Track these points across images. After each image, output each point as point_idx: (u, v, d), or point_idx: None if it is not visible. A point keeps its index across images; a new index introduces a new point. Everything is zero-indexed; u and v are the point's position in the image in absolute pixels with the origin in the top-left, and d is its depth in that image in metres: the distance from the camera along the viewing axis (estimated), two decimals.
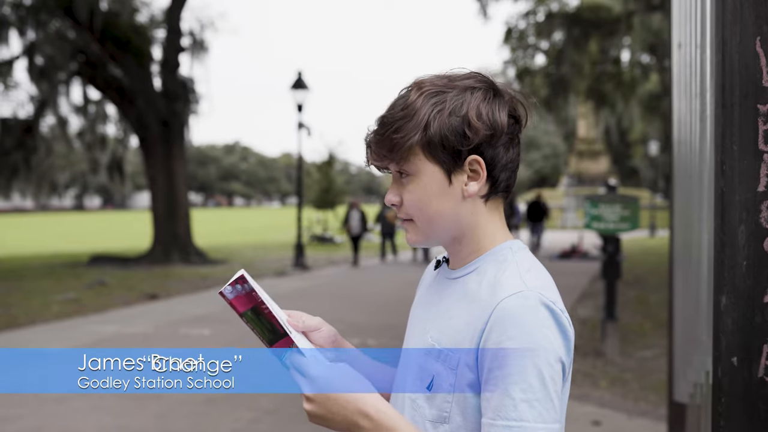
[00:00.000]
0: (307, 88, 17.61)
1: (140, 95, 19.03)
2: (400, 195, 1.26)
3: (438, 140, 1.19)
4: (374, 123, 1.27)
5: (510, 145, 1.24)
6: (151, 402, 5.86)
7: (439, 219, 1.23)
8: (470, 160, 1.20)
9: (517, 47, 25.19)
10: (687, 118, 2.48)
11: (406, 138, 1.19)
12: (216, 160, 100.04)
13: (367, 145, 1.28)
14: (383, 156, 1.24)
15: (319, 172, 29.32)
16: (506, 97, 1.25)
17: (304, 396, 1.18)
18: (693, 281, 2.28)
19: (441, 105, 1.19)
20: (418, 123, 1.19)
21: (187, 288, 13.70)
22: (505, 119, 1.22)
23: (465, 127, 1.18)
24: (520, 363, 1.09)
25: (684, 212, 2.61)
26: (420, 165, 1.21)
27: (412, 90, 1.23)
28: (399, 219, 1.30)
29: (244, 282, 1.22)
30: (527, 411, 1.08)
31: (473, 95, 1.21)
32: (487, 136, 1.20)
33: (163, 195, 19.59)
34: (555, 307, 1.13)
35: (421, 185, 1.22)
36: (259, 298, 1.22)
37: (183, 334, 8.87)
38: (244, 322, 1.26)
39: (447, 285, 1.30)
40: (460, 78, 1.24)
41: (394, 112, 1.22)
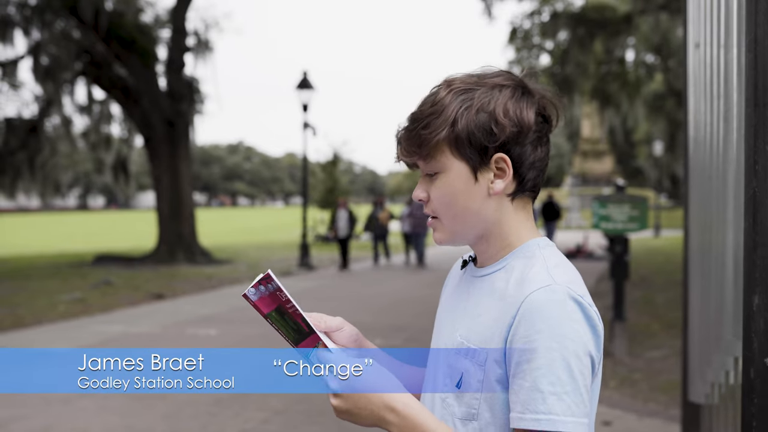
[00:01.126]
0: (313, 88, 17.61)
1: (145, 95, 19.05)
2: (428, 191, 1.26)
3: (465, 137, 1.19)
4: (405, 119, 1.27)
5: (538, 143, 1.23)
6: (158, 402, 5.86)
7: (465, 216, 1.23)
8: (496, 157, 1.20)
9: (522, 47, 25.15)
10: (706, 119, 2.47)
11: (433, 134, 1.20)
12: (219, 159, 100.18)
13: (397, 141, 1.28)
14: (412, 152, 1.24)
15: (324, 171, 29.30)
16: (536, 96, 1.24)
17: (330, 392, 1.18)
18: (713, 282, 2.27)
19: (469, 102, 1.20)
20: (446, 119, 1.19)
21: (192, 288, 13.70)
22: (532, 117, 1.22)
23: (492, 124, 1.19)
24: (548, 356, 1.09)
25: (701, 213, 2.59)
26: (447, 161, 1.22)
27: (441, 87, 1.24)
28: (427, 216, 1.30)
29: (268, 282, 1.22)
30: (556, 404, 1.07)
31: (501, 93, 1.21)
32: (514, 134, 1.20)
33: (168, 195, 19.61)
34: (583, 301, 1.13)
35: (448, 182, 1.22)
36: (283, 298, 1.22)
37: (190, 335, 8.87)
38: (269, 323, 1.26)
39: (474, 283, 1.29)
40: (489, 76, 1.24)
41: (424, 108, 1.23)
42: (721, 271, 2.02)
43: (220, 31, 27.86)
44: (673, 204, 52.54)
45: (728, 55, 1.86)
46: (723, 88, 1.95)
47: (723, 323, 2.01)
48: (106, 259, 18.68)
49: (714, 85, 2.19)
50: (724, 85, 1.92)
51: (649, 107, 30.79)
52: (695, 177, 2.74)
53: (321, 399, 5.95)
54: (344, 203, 18.12)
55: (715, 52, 2.20)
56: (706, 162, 2.45)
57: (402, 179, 64.51)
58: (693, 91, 2.84)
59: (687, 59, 3.03)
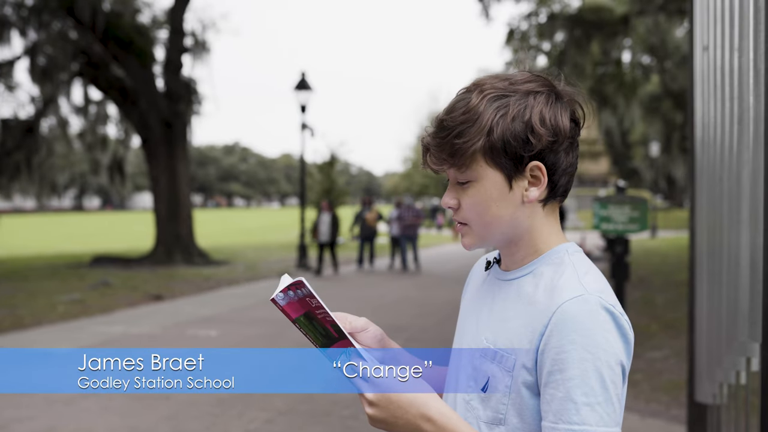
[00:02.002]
0: (311, 89, 17.61)
1: (143, 96, 19.04)
2: (458, 198, 1.25)
3: (500, 146, 1.17)
4: (431, 125, 1.25)
5: (570, 149, 1.23)
6: (161, 403, 5.86)
7: (497, 224, 1.22)
8: (531, 165, 1.19)
9: (519, 48, 25.20)
10: (716, 121, 2.49)
11: (468, 143, 1.18)
12: (215, 160, 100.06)
13: (424, 147, 1.26)
14: (443, 160, 1.22)
15: (321, 172, 29.28)
16: (566, 99, 1.23)
17: (365, 400, 1.17)
18: (725, 283, 2.29)
19: (504, 109, 1.18)
20: (481, 128, 1.17)
21: (191, 289, 13.69)
22: (567, 124, 1.21)
23: (528, 133, 1.17)
24: (581, 366, 1.09)
25: (710, 214, 2.61)
26: (481, 170, 1.20)
27: (473, 93, 1.21)
28: (455, 222, 1.29)
29: (297, 288, 1.21)
30: (589, 414, 1.08)
31: (536, 99, 1.19)
32: (550, 143, 1.19)
33: (165, 196, 19.59)
34: (615, 311, 1.13)
35: (482, 190, 1.21)
36: (313, 303, 1.22)
37: (191, 335, 8.87)
38: (297, 327, 1.26)
39: (500, 286, 1.29)
40: (521, 81, 1.21)
41: (455, 115, 1.20)
42: (735, 271, 2.04)
43: (217, 31, 27.78)
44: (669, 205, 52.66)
45: (742, 58, 1.88)
46: (737, 91, 1.97)
47: (737, 324, 2.03)
48: (103, 260, 18.65)
49: (726, 88, 2.21)
50: (738, 88, 1.94)
51: (645, 108, 30.89)
52: (703, 178, 2.76)
53: (325, 399, 5.96)
54: (328, 205, 16.62)
55: (727, 55, 2.22)
56: (717, 163, 2.47)
57: (398, 180, 64.43)
58: (700, 93, 2.86)
59: (693, 62, 3.05)
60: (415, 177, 59.53)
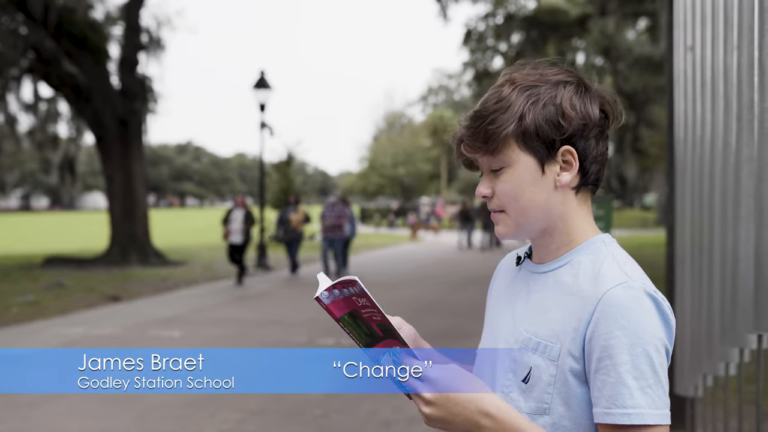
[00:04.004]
0: (270, 88, 17.49)
1: (97, 93, 18.64)
2: (492, 187, 1.28)
3: (533, 130, 1.22)
4: (465, 118, 1.29)
5: (600, 138, 1.27)
6: (131, 404, 5.75)
7: (532, 209, 1.25)
8: (563, 150, 1.23)
9: (477, 49, 25.43)
10: (705, 119, 2.55)
11: (501, 128, 1.22)
12: (168, 160, 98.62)
13: (458, 140, 1.30)
14: (477, 148, 1.26)
15: (278, 172, 29.15)
16: (594, 92, 1.28)
17: (421, 399, 1.17)
18: (716, 278, 2.34)
19: (535, 97, 1.23)
20: (513, 114, 1.22)
21: (149, 289, 13.47)
22: (597, 111, 1.26)
23: (559, 117, 1.22)
24: (631, 351, 1.11)
25: (696, 212, 2.67)
26: (514, 155, 1.24)
27: (505, 85, 1.26)
28: (490, 211, 1.31)
29: (343, 287, 1.20)
30: (642, 398, 1.10)
31: (566, 88, 1.24)
32: (580, 127, 1.23)
33: (120, 195, 19.22)
34: (657, 296, 1.17)
35: (515, 175, 1.24)
36: (360, 302, 1.21)
37: (153, 336, 8.72)
38: (341, 326, 1.25)
39: (536, 279, 1.31)
40: (551, 73, 1.27)
41: (488, 105, 1.25)
42: (733, 266, 2.09)
43: (172, 29, 27.37)
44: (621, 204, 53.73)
45: (742, 57, 1.93)
46: (735, 89, 2.02)
47: (735, 316, 2.08)
48: (56, 261, 18.21)
49: (720, 86, 2.27)
50: (737, 86, 1.99)
51: None
52: (686, 176, 2.83)
53: (297, 399, 5.92)
54: (242, 201, 14.38)
55: (720, 54, 2.27)
56: (705, 161, 2.53)
57: (354, 180, 64.39)
58: (683, 92, 2.93)
59: (673, 62, 3.12)
60: (371, 177, 59.60)
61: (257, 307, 11.25)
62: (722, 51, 2.24)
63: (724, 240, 2.22)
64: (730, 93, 2.12)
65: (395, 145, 60.85)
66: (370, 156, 62.20)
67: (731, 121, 2.10)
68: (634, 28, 26.04)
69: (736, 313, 2.05)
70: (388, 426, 5.24)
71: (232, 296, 12.50)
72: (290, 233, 15.40)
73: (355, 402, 5.82)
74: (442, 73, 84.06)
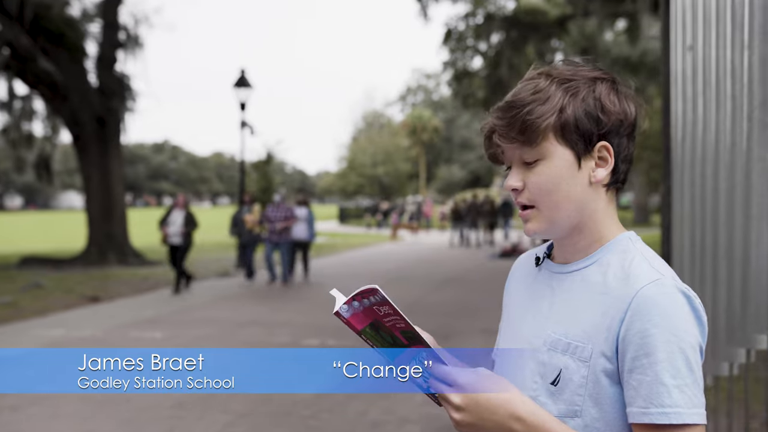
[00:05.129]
0: (250, 86, 17.38)
1: (75, 91, 18.41)
2: (523, 180, 1.24)
3: (573, 123, 1.20)
4: (495, 109, 1.25)
5: (630, 137, 1.25)
6: (117, 406, 5.67)
7: (566, 204, 1.22)
8: (599, 146, 1.21)
9: (456, 49, 25.48)
10: (707, 119, 2.55)
11: (541, 120, 1.19)
12: (144, 159, 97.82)
13: (488, 130, 1.26)
14: (512, 138, 1.22)
15: (257, 171, 28.97)
16: (629, 93, 1.27)
17: (450, 404, 1.14)
18: (721, 278, 2.34)
19: (574, 89, 1.21)
20: (554, 106, 1.19)
21: (129, 290, 13.33)
22: (633, 109, 1.24)
23: (598, 112, 1.20)
24: (667, 349, 1.09)
25: (696, 211, 2.67)
26: (551, 148, 1.21)
27: (540, 77, 1.24)
28: (519, 207, 1.27)
29: (365, 297, 1.16)
30: (680, 397, 1.08)
31: (602, 84, 1.23)
32: (618, 123, 1.22)
33: (98, 195, 19.00)
34: (690, 293, 1.15)
35: (552, 168, 1.21)
36: (382, 311, 1.16)
37: (134, 337, 8.62)
38: (363, 339, 1.22)
39: (561, 279, 1.28)
40: (586, 70, 1.25)
41: (523, 96, 1.22)
42: (743, 267, 2.09)
43: (150, 26, 27.11)
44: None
45: (752, 56, 1.93)
46: (746, 89, 2.02)
47: (746, 316, 2.08)
48: (32, 261, 17.95)
49: (728, 86, 2.26)
50: (748, 86, 1.99)
51: None
52: (684, 176, 2.83)
53: (286, 400, 5.88)
54: (183, 202, 13.20)
55: (726, 54, 2.27)
56: (708, 161, 2.53)
57: (333, 179, 64.28)
58: (681, 93, 2.93)
59: (670, 62, 3.13)
60: (351, 176, 59.52)
61: (238, 307, 11.17)
62: (729, 50, 2.24)
63: (731, 240, 2.22)
64: (738, 92, 2.12)
65: (374, 144, 60.83)
66: (350, 155, 62.12)
67: (739, 120, 2.10)
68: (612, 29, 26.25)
69: (746, 313, 2.05)
70: (377, 426, 5.22)
71: (213, 297, 12.39)
72: (245, 235, 14.32)
73: (343, 402, 5.79)
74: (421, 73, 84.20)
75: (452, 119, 75.44)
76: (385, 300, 1.14)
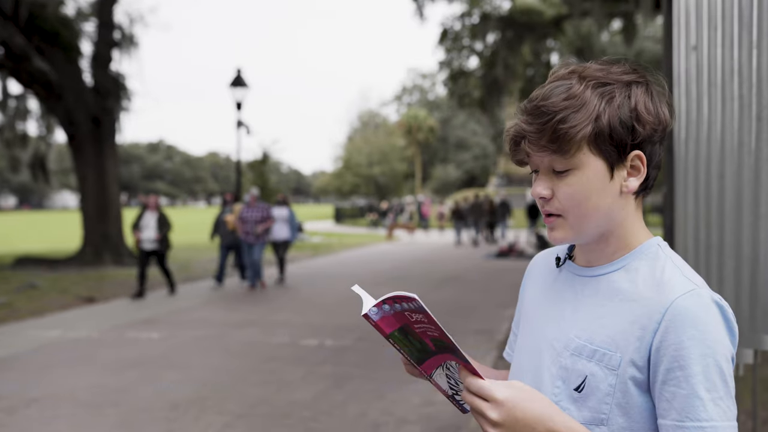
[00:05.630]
0: (247, 86, 17.33)
1: (70, 91, 18.33)
2: (552, 188, 1.19)
3: (607, 133, 1.14)
4: (523, 112, 1.19)
5: (662, 141, 1.21)
6: (113, 409, 5.63)
7: (595, 214, 1.18)
8: (633, 155, 1.17)
9: (452, 48, 25.48)
10: (712, 119, 2.53)
11: (576, 129, 1.13)
12: (139, 158, 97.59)
13: (516, 135, 1.20)
14: (542, 147, 1.16)
15: (253, 171, 28.95)
16: (663, 94, 1.21)
17: (488, 421, 1.09)
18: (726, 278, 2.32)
19: (609, 95, 1.15)
20: (589, 114, 1.13)
21: (125, 290, 13.27)
22: (668, 115, 1.19)
23: (634, 121, 1.15)
24: (703, 362, 1.07)
25: (701, 211, 2.65)
26: (584, 158, 1.15)
27: (572, 78, 1.17)
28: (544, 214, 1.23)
29: (396, 302, 1.11)
30: (715, 410, 1.06)
31: (638, 89, 1.17)
32: (653, 131, 1.17)
33: (93, 195, 18.93)
34: (723, 303, 1.12)
35: (583, 179, 1.16)
36: (413, 317, 1.12)
37: (131, 338, 8.57)
38: (391, 343, 1.18)
39: (584, 283, 1.25)
40: (619, 72, 1.19)
41: (555, 101, 1.14)
42: (751, 267, 2.08)
43: (145, 26, 26.99)
44: None
45: (762, 57, 1.91)
46: (756, 89, 2.00)
47: (756, 317, 2.06)
48: (27, 262, 17.87)
49: (735, 86, 2.24)
50: (757, 86, 1.97)
51: None
52: (688, 176, 2.81)
53: (284, 401, 5.84)
54: (155, 203, 12.51)
55: (733, 54, 2.25)
56: (713, 161, 2.51)
57: (329, 179, 64.19)
58: (684, 93, 2.92)
59: (673, 62, 3.11)
60: (346, 176, 59.47)
61: (238, 308, 11.12)
62: (737, 50, 2.22)
63: (738, 240, 2.20)
64: (746, 92, 2.10)
65: (370, 144, 60.81)
66: (345, 155, 62.07)
67: (747, 120, 2.08)
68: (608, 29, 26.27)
69: (756, 314, 2.03)
70: (377, 428, 5.19)
71: (210, 297, 12.35)
72: (227, 237, 13.43)
73: (342, 404, 5.76)
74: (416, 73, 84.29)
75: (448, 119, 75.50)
76: (421, 309, 1.09)
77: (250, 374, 6.74)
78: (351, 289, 1.25)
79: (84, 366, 7.13)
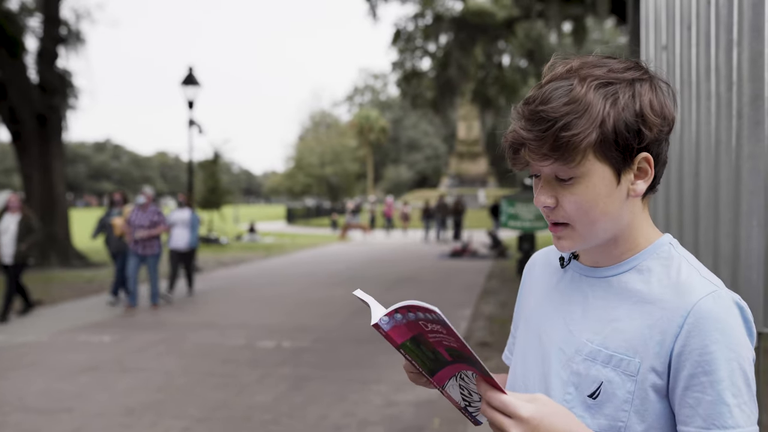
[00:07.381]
0: (199, 84, 17.06)
1: (13, 88, 17.78)
2: (556, 197, 1.13)
3: (612, 138, 1.08)
4: (521, 116, 1.12)
5: (668, 138, 1.16)
6: (67, 415, 5.45)
7: (603, 221, 1.13)
8: (640, 158, 1.11)
9: (405, 49, 25.52)
10: (688, 118, 2.55)
11: (580, 137, 1.06)
12: (85, 158, 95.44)
13: (515, 142, 1.12)
14: (544, 155, 1.09)
15: (204, 171, 28.55)
16: (665, 87, 1.15)
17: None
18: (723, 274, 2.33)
19: (612, 97, 1.08)
20: (592, 120, 1.06)
21: (73, 293, 12.92)
22: (673, 113, 1.15)
23: (640, 124, 1.09)
24: (728, 367, 1.03)
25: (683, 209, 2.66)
26: (589, 165, 1.09)
27: (571, 81, 1.10)
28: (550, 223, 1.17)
29: (410, 311, 1.04)
30: (740, 416, 1.03)
31: (642, 87, 1.11)
32: (659, 132, 1.11)
33: (39, 194, 18.39)
34: (742, 304, 1.09)
35: (590, 186, 1.10)
36: (428, 327, 1.05)
37: (82, 342, 8.33)
38: (402, 353, 1.12)
39: (592, 284, 1.20)
40: (621, 69, 1.12)
41: (555, 105, 1.07)
42: (732, 265, 2.08)
43: (92, 22, 26.38)
44: None
45: (741, 54, 1.92)
46: (736, 86, 2.01)
47: None
48: None
49: (712, 84, 2.26)
50: (737, 83, 1.98)
51: None
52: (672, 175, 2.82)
53: (244, 404, 5.74)
54: (18, 205, 10.20)
55: (709, 52, 2.27)
56: (687, 160, 2.52)
57: (281, 179, 63.72)
58: None
59: None
60: (298, 176, 59.13)
61: (192, 310, 10.92)
62: (713, 49, 2.23)
63: (716, 238, 2.22)
64: (723, 90, 2.10)
65: (322, 144, 60.62)
66: (297, 155, 61.72)
67: (724, 118, 2.09)
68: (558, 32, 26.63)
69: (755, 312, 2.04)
70: (338, 430, 5.13)
71: (163, 299, 12.09)
72: (114, 243, 11.40)
73: (303, 406, 5.68)
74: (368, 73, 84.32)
75: (399, 120, 75.72)
76: (440, 320, 1.02)
77: (207, 377, 6.61)
78: (353, 294, 1.19)
79: (33, 371, 6.89)
